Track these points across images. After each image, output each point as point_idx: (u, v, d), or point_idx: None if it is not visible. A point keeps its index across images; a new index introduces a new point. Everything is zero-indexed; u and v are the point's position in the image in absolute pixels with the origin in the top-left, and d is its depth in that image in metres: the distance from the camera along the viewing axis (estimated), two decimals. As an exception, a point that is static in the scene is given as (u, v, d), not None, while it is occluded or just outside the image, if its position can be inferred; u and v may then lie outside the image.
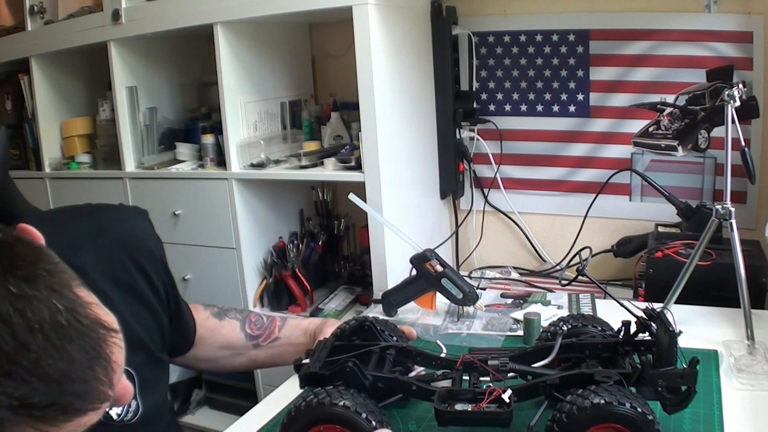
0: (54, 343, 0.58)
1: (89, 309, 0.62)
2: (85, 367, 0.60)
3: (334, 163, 1.73)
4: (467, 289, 1.40)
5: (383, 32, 1.59)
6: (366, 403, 0.85)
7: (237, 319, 1.28)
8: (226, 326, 1.27)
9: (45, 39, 2.07)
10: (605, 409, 0.77)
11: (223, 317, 1.28)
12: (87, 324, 0.61)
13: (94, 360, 0.61)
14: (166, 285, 1.09)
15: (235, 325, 1.27)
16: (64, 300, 0.60)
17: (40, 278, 0.59)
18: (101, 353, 0.61)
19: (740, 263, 1.20)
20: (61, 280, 0.61)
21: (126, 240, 1.01)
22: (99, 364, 0.61)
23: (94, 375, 0.61)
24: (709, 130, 1.71)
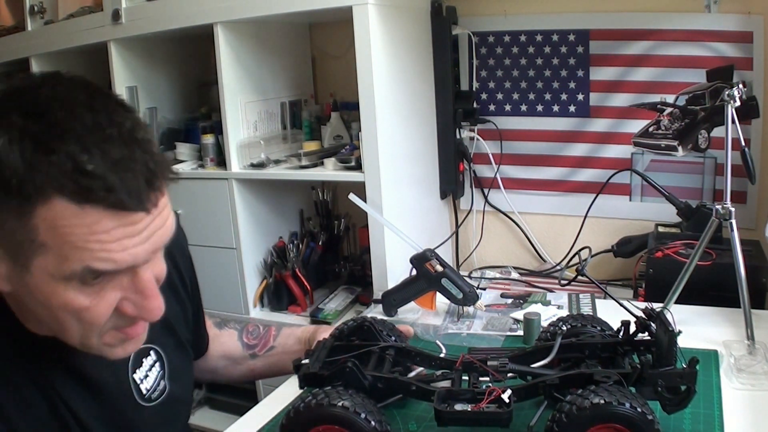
0: (125, 139, 0.69)
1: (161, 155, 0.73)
2: (142, 173, 0.69)
3: (334, 163, 1.73)
4: (467, 289, 1.40)
5: (383, 32, 1.59)
6: (365, 403, 0.85)
7: (235, 329, 1.29)
8: (225, 336, 1.28)
9: (45, 39, 2.07)
10: (605, 409, 0.77)
11: (223, 327, 1.29)
12: (159, 157, 0.72)
13: (150, 178, 0.70)
14: (192, 282, 1.13)
15: (233, 334, 1.28)
16: (145, 133, 0.72)
17: (133, 109, 0.74)
18: (157, 182, 0.71)
19: (740, 263, 1.20)
20: (145, 126, 0.74)
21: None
22: (152, 184, 0.70)
23: (146, 187, 0.70)
24: (709, 130, 1.71)
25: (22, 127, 0.66)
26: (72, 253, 0.68)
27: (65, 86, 0.71)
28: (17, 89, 0.70)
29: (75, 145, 0.65)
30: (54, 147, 0.65)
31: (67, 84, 0.71)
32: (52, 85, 0.70)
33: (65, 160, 0.65)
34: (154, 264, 0.77)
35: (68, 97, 0.69)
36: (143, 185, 0.69)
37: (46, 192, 0.65)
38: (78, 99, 0.69)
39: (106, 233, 0.68)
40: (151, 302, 0.76)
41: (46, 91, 0.69)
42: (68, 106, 0.67)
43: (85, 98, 0.69)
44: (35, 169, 0.65)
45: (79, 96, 0.69)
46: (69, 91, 0.70)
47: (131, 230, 0.70)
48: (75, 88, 0.71)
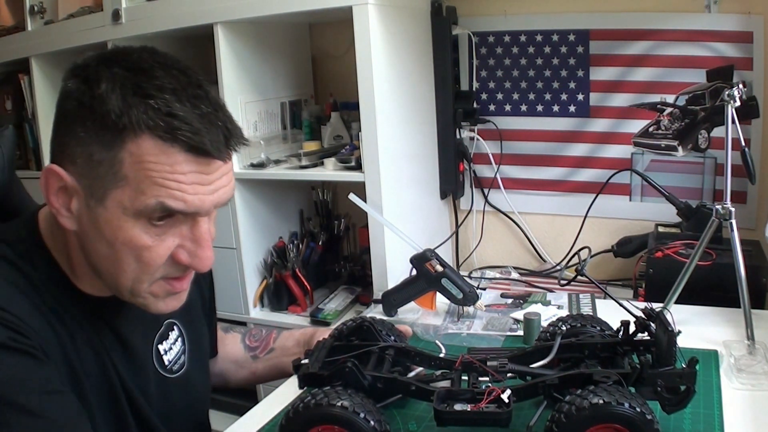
0: (212, 102, 0.80)
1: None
2: (223, 130, 0.80)
3: (334, 163, 1.73)
4: (467, 289, 1.40)
5: (383, 32, 1.59)
6: (364, 403, 0.85)
7: (239, 332, 1.32)
8: (230, 339, 1.30)
9: (45, 39, 2.07)
10: (604, 409, 0.77)
11: (228, 331, 1.32)
12: (237, 124, 0.83)
13: (229, 135, 0.81)
14: (211, 291, 1.19)
15: (237, 337, 1.31)
16: (227, 109, 0.83)
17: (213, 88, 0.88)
18: (234, 141, 0.81)
19: (740, 263, 1.20)
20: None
21: None
22: (229, 142, 0.81)
23: (224, 141, 0.80)
24: (709, 130, 1.71)
25: (125, 77, 0.76)
26: (149, 188, 0.76)
27: (163, 55, 0.82)
28: (120, 51, 0.82)
29: (170, 95, 0.76)
30: (152, 93, 0.76)
31: (164, 54, 0.82)
32: (151, 52, 0.82)
33: (160, 104, 0.75)
34: (212, 221, 0.86)
35: (166, 62, 0.80)
36: (222, 139, 0.79)
37: (139, 127, 0.75)
38: (175, 65, 0.80)
39: (183, 174, 0.77)
40: (205, 252, 0.83)
41: (146, 56, 0.80)
42: (166, 68, 0.79)
43: (181, 66, 0.81)
44: (133, 107, 0.75)
45: (176, 63, 0.81)
46: (166, 58, 0.81)
47: (204, 178, 0.79)
48: (171, 58, 0.82)
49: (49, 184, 0.81)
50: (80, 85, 0.78)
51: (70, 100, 0.79)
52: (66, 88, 0.81)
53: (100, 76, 0.77)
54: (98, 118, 0.75)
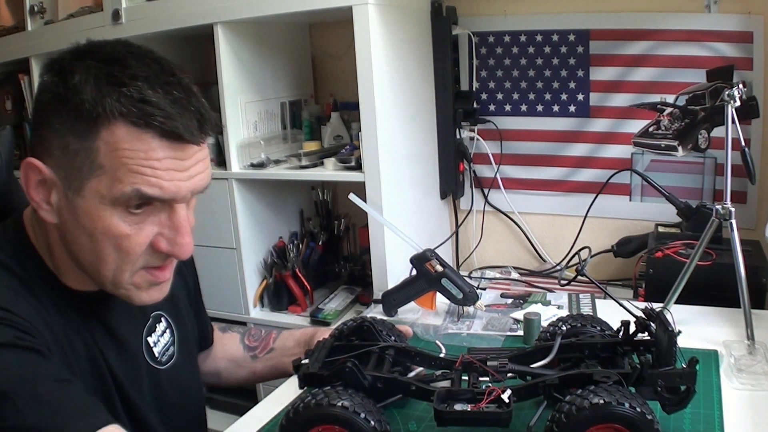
0: (185, 88, 0.81)
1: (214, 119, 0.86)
2: (196, 115, 0.81)
3: (334, 163, 1.73)
4: (467, 289, 1.40)
5: (383, 32, 1.59)
6: (365, 403, 0.85)
7: (238, 332, 1.32)
8: (228, 338, 1.31)
9: (45, 39, 2.07)
10: (604, 409, 0.77)
11: (227, 331, 1.32)
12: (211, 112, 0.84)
13: (202, 121, 0.81)
14: (197, 288, 1.20)
15: (236, 337, 1.31)
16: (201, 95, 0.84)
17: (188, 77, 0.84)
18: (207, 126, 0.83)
19: (740, 263, 1.20)
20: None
21: None
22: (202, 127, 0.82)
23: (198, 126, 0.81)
24: (709, 130, 1.71)
25: (98, 67, 0.78)
26: (125, 176, 0.77)
27: (137, 47, 0.83)
28: (94, 44, 0.83)
29: (143, 83, 0.77)
30: (125, 81, 0.77)
31: (138, 46, 0.84)
32: (125, 44, 0.83)
33: (133, 92, 0.76)
34: (190, 208, 0.87)
35: (140, 52, 0.82)
36: (195, 123, 0.80)
37: (113, 115, 0.76)
38: (148, 54, 0.82)
39: (158, 161, 0.78)
40: (184, 238, 0.84)
41: (120, 47, 0.82)
42: (139, 58, 0.80)
43: (154, 56, 0.82)
44: (106, 96, 0.76)
45: (149, 53, 0.82)
46: (140, 49, 0.82)
47: (179, 164, 0.80)
48: (145, 49, 0.83)
49: (29, 177, 0.83)
50: (54, 78, 0.79)
51: (46, 93, 0.80)
52: (42, 82, 0.82)
53: (74, 68, 0.78)
54: (73, 109, 0.77)
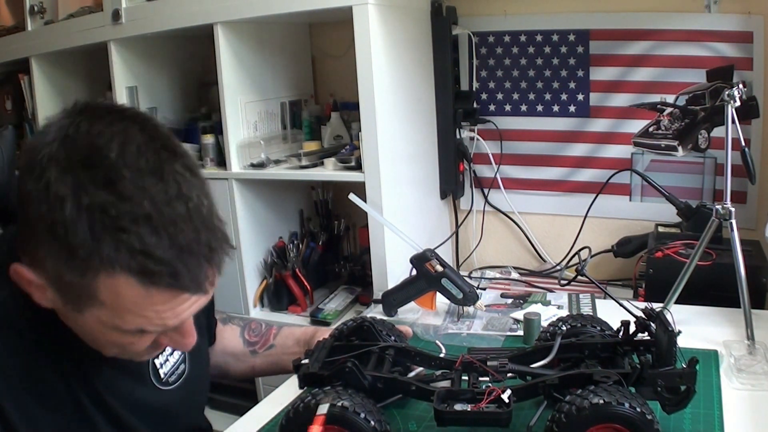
0: (191, 217, 0.70)
1: (223, 225, 0.75)
2: (204, 255, 0.72)
3: (334, 163, 1.73)
4: (467, 289, 1.40)
5: (383, 32, 1.59)
6: (365, 403, 0.85)
7: (238, 326, 1.31)
8: (228, 331, 1.29)
9: (45, 39, 2.07)
10: (605, 409, 0.77)
11: (227, 323, 1.31)
12: (217, 223, 0.74)
13: (211, 257, 0.73)
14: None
15: (236, 330, 1.30)
16: (209, 201, 0.74)
17: (199, 175, 0.73)
18: (217, 259, 0.73)
19: (740, 263, 1.20)
20: (208, 187, 0.75)
21: None
22: (212, 263, 0.73)
23: (206, 267, 0.73)
24: (709, 130, 1.71)
25: (93, 194, 0.67)
26: (128, 317, 0.73)
27: (134, 143, 0.70)
28: (84, 145, 0.69)
29: (145, 227, 0.67)
30: (124, 226, 0.67)
31: (135, 139, 0.71)
32: (121, 144, 0.69)
33: (135, 241, 0.67)
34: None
35: (137, 163, 0.69)
36: (205, 267, 0.72)
37: (113, 267, 0.68)
38: (148, 165, 0.69)
39: (162, 304, 0.73)
40: (187, 339, 0.83)
41: (114, 153, 0.68)
42: (138, 177, 0.68)
43: (154, 163, 0.70)
44: (104, 243, 0.67)
45: (149, 160, 0.70)
46: (138, 152, 0.70)
47: (186, 304, 0.75)
48: (143, 145, 0.70)
49: (20, 280, 0.75)
50: (40, 194, 0.68)
51: (32, 208, 0.69)
52: (24, 189, 0.71)
53: (60, 186, 0.67)
54: (65, 247, 0.68)
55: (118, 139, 0.69)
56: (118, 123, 0.71)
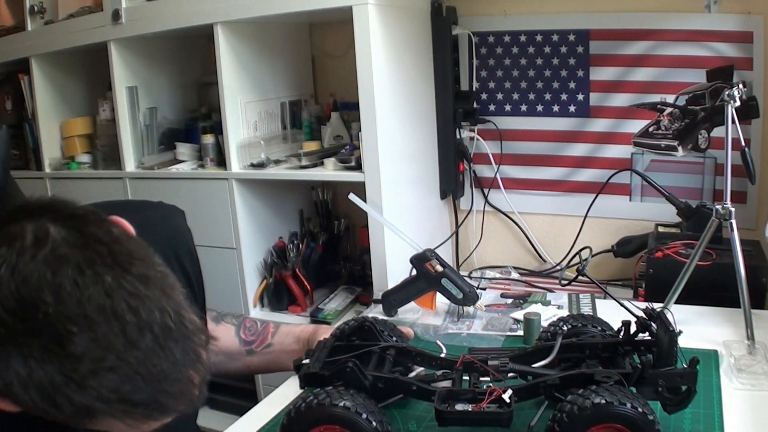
0: (161, 344, 0.60)
1: (192, 314, 0.65)
2: (185, 369, 0.63)
3: (334, 163, 1.73)
4: (467, 289, 1.40)
5: (383, 32, 1.59)
6: (366, 403, 0.85)
7: (233, 324, 1.29)
8: (222, 330, 1.27)
9: (45, 39, 2.07)
10: (606, 409, 0.77)
11: (220, 321, 1.29)
12: (191, 329, 0.64)
13: (193, 364, 0.64)
14: (199, 283, 1.13)
15: (231, 329, 1.28)
16: (173, 303, 0.63)
17: (153, 279, 0.62)
18: (200, 358, 0.65)
19: (740, 263, 1.20)
20: (170, 283, 0.64)
21: (171, 238, 1.05)
22: (196, 369, 0.65)
23: (191, 378, 0.64)
24: (709, 130, 1.71)
25: (44, 367, 0.57)
26: None
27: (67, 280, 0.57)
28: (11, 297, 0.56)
29: (113, 378, 0.58)
30: (91, 385, 0.58)
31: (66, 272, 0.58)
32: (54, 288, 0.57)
33: (108, 394, 0.59)
34: None
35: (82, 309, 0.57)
36: (189, 382, 0.64)
37: (94, 415, 0.61)
38: (94, 306, 0.57)
39: (155, 424, 0.66)
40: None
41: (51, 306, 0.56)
42: (88, 327, 0.57)
43: (100, 298, 0.58)
44: (76, 403, 0.59)
45: (94, 297, 0.58)
46: (78, 291, 0.57)
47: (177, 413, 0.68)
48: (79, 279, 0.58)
49: None
50: None
51: None
52: None
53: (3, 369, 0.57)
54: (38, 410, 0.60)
55: (48, 281, 0.57)
56: (41, 248, 0.58)
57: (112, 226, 0.65)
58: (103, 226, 0.63)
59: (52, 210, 0.62)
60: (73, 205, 0.65)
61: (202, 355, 0.65)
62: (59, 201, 0.64)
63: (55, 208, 0.62)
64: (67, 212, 0.63)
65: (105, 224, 0.64)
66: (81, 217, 0.63)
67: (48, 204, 0.63)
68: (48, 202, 0.64)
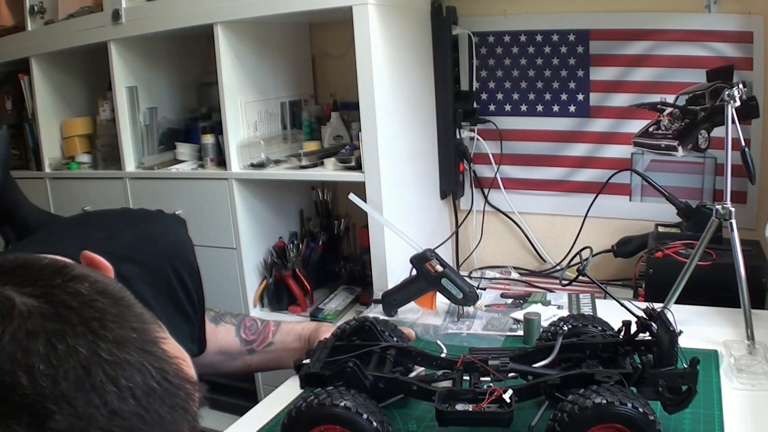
0: (145, 406, 0.56)
1: (175, 365, 0.61)
2: (173, 426, 0.59)
3: (334, 163, 1.73)
4: (467, 289, 1.40)
5: (383, 32, 1.59)
6: (367, 403, 0.85)
7: (232, 324, 1.29)
8: (222, 331, 1.27)
9: (45, 39, 2.07)
10: (607, 409, 0.77)
11: (219, 322, 1.28)
12: (176, 383, 0.60)
13: (182, 417, 0.60)
14: (199, 295, 1.12)
15: (231, 329, 1.28)
16: (153, 359, 0.59)
17: (129, 341, 0.57)
18: (189, 410, 0.61)
19: (740, 263, 1.20)
20: (148, 338, 0.60)
21: (172, 252, 1.05)
22: (186, 421, 0.61)
23: (184, 426, 0.60)
24: (709, 130, 1.71)
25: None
26: None
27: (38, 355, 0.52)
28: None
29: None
30: None
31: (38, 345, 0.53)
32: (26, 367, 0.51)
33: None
34: None
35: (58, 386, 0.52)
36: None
37: None
38: (70, 380, 0.53)
39: None
40: None
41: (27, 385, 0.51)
42: (67, 404, 0.52)
43: (76, 372, 0.53)
44: None
45: (68, 371, 0.53)
46: (52, 366, 0.52)
47: None
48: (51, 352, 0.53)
49: None
50: None
51: None
52: None
53: None
54: None
55: (20, 361, 0.52)
56: (8, 325, 0.53)
57: (80, 283, 0.59)
58: (70, 286, 0.57)
59: (14, 274, 0.57)
60: (37, 263, 0.59)
61: (191, 407, 0.62)
62: (21, 262, 0.59)
63: (16, 273, 0.57)
64: (32, 276, 0.57)
65: (73, 283, 0.58)
66: (46, 280, 0.57)
67: (10, 268, 0.57)
68: (10, 266, 0.58)
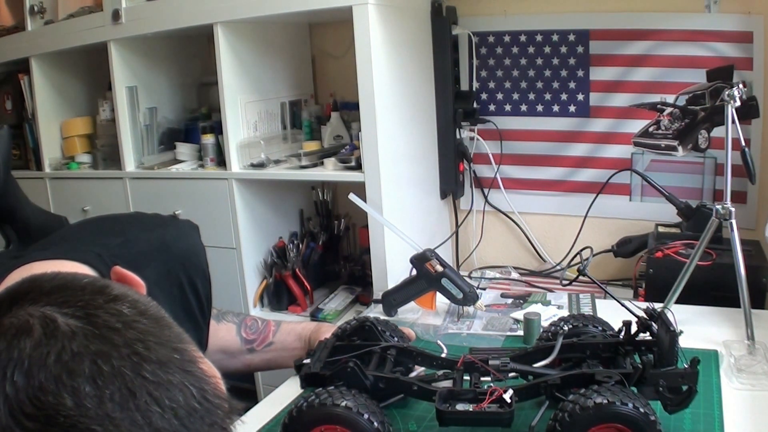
0: (188, 427, 0.57)
1: (213, 384, 0.61)
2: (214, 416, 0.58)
3: (334, 163, 1.73)
4: (467, 289, 1.40)
5: (383, 32, 1.59)
6: (368, 403, 0.85)
7: (234, 323, 1.29)
8: (223, 329, 1.27)
9: (45, 39, 2.07)
10: (608, 409, 0.77)
11: (221, 320, 1.29)
12: (215, 402, 0.60)
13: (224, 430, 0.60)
14: (209, 300, 1.13)
15: (232, 328, 1.28)
16: (194, 379, 0.59)
17: (172, 361, 0.58)
18: (226, 428, 0.61)
19: (740, 263, 1.20)
20: (188, 358, 0.60)
21: (186, 259, 1.07)
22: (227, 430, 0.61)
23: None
24: (709, 130, 1.71)
25: None
26: None
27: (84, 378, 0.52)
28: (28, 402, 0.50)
29: None
30: None
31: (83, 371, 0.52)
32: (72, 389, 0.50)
33: None
34: None
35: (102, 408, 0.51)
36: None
37: None
38: (115, 401, 0.52)
39: None
40: None
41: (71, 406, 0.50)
42: (111, 421, 0.51)
43: (121, 393, 0.52)
44: None
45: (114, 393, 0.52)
46: (97, 388, 0.52)
47: None
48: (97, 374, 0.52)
49: None
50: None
51: None
52: None
53: None
54: None
55: (65, 383, 0.51)
56: (53, 346, 0.52)
57: (121, 303, 0.59)
58: (112, 307, 0.58)
59: (55, 294, 0.57)
60: (77, 283, 0.59)
61: (228, 424, 0.62)
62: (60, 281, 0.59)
63: (57, 292, 0.57)
64: (73, 296, 0.57)
65: (114, 303, 0.59)
66: (88, 301, 0.57)
67: (49, 288, 0.57)
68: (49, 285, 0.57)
